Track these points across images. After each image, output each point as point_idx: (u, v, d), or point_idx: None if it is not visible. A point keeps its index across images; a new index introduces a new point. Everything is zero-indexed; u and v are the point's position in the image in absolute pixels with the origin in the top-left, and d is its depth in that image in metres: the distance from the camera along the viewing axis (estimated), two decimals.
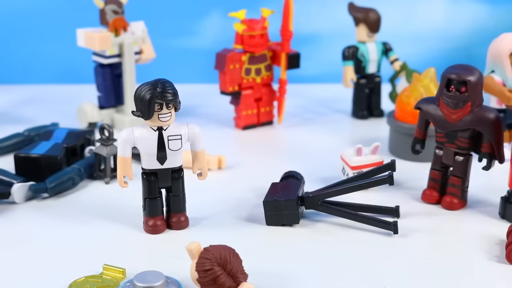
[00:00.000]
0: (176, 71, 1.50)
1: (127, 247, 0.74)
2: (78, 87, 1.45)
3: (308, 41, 1.50)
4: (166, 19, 1.51)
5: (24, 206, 0.85)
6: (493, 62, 0.95)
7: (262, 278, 0.66)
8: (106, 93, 1.18)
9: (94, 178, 0.94)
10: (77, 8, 1.47)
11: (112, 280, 0.65)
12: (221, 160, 0.97)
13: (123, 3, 1.14)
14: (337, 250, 0.73)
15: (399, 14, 1.51)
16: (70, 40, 1.23)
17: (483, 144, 0.81)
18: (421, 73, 1.04)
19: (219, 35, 1.50)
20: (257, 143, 1.12)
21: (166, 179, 0.76)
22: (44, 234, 0.77)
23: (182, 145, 0.75)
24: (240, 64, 1.14)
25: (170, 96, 0.72)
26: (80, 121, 1.19)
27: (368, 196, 0.86)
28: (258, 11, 1.15)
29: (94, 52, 1.16)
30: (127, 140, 0.74)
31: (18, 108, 1.32)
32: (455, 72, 0.80)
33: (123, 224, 0.79)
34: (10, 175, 0.88)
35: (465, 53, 1.52)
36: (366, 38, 1.21)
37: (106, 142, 0.92)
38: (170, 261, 0.70)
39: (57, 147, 0.94)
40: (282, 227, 0.78)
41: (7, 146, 1.04)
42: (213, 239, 0.75)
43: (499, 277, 0.68)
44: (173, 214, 0.78)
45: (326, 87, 1.45)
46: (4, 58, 1.53)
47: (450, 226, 0.80)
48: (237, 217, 0.81)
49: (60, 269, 0.69)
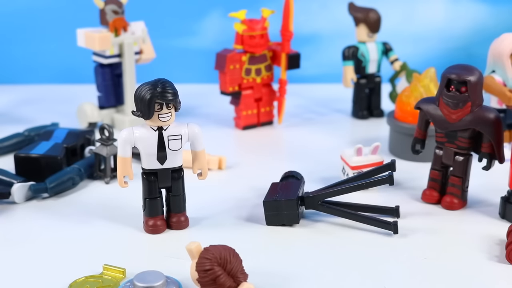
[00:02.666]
0: (176, 71, 1.50)
1: (127, 247, 0.74)
2: (78, 87, 1.45)
3: (308, 41, 1.50)
4: (166, 19, 1.51)
5: (24, 206, 0.85)
6: (493, 62, 0.95)
7: (262, 278, 0.66)
8: (106, 93, 1.18)
9: (94, 178, 0.94)
10: (77, 8, 1.47)
11: (112, 280, 0.65)
12: (221, 160, 0.97)
13: (123, 3, 1.14)
14: (337, 250, 0.73)
15: (399, 14, 1.51)
16: (70, 40, 1.23)
17: (483, 144, 0.81)
18: (421, 73, 1.04)
19: (219, 35, 1.50)
20: (257, 143, 1.12)
21: (166, 179, 0.76)
22: (44, 234, 0.77)
23: (182, 145, 0.75)
24: (240, 64, 1.14)
25: (170, 96, 0.72)
26: (80, 121, 1.19)
27: (368, 196, 0.86)
28: (258, 11, 1.15)
29: (94, 52, 1.16)
30: (127, 140, 0.74)
31: (18, 108, 1.32)
32: (455, 72, 0.80)
33: (123, 224, 0.79)
34: (10, 175, 0.88)
35: (465, 53, 1.52)
36: (366, 38, 1.21)
37: (106, 142, 0.92)
38: (170, 261, 0.70)
39: (57, 147, 0.94)
40: (282, 227, 0.78)
41: (7, 146, 1.04)
42: (213, 239, 0.75)
43: (499, 277, 0.68)
44: (173, 214, 0.78)
45: (326, 87, 1.45)
46: (4, 58, 1.53)
47: (450, 226, 0.80)
48: (237, 217, 0.81)
49: (60, 269, 0.68)
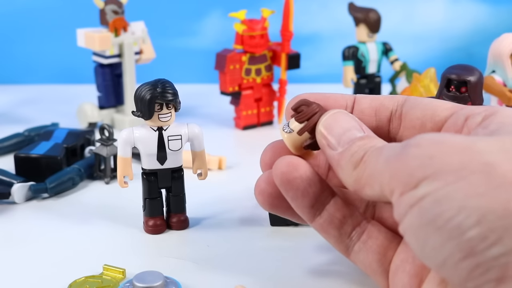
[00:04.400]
0: (176, 71, 1.50)
1: (127, 247, 0.74)
2: (78, 87, 1.45)
3: (308, 41, 1.50)
4: (166, 19, 1.51)
5: (24, 206, 0.85)
6: (494, 62, 0.95)
7: (262, 278, 0.66)
8: (106, 93, 1.18)
9: (94, 178, 0.94)
10: (77, 8, 1.47)
11: (112, 280, 0.65)
12: (222, 161, 0.97)
13: (123, 3, 1.14)
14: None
15: (399, 14, 1.51)
16: (70, 40, 1.23)
17: None
18: (421, 73, 1.04)
19: (219, 35, 1.50)
20: (257, 143, 1.12)
21: (166, 179, 0.76)
22: (44, 234, 0.77)
23: (182, 145, 0.75)
24: (240, 64, 1.14)
25: (170, 96, 0.72)
26: (80, 121, 1.19)
27: None
28: (258, 11, 1.15)
29: (94, 52, 1.16)
30: (127, 140, 0.74)
31: (18, 108, 1.32)
32: (455, 72, 0.80)
33: (123, 224, 0.79)
34: (10, 175, 0.88)
35: (465, 53, 1.52)
36: (366, 38, 1.21)
37: (106, 142, 0.92)
38: (170, 261, 0.70)
39: (57, 147, 0.94)
40: (286, 227, 0.78)
41: (7, 146, 1.04)
42: (213, 239, 0.75)
43: None
44: (173, 214, 0.78)
45: (326, 87, 1.45)
46: (4, 58, 1.53)
47: None
48: (238, 217, 0.81)
49: (60, 269, 0.68)
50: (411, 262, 0.50)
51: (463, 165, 0.41)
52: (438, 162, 0.41)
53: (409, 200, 0.42)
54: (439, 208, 0.40)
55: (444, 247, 0.40)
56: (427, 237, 0.41)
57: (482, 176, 0.40)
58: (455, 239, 0.39)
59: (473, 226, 0.39)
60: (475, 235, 0.39)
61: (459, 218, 0.39)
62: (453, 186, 0.40)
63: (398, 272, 0.51)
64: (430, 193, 0.41)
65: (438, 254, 0.40)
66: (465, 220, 0.39)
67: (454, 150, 0.42)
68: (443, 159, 0.41)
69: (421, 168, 0.42)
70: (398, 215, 0.44)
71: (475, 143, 0.42)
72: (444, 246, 0.40)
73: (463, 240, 0.39)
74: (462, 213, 0.39)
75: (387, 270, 0.53)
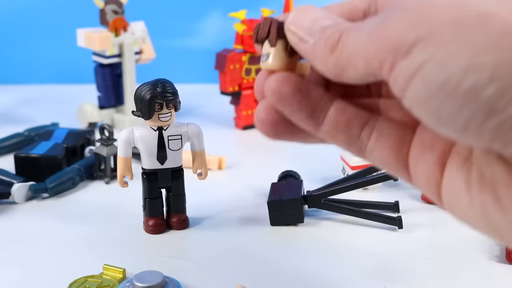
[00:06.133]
0: (176, 71, 1.50)
1: (127, 247, 0.74)
2: (78, 87, 1.45)
3: None
4: (166, 19, 1.51)
5: (24, 206, 0.85)
6: None
7: (262, 278, 0.66)
8: (106, 93, 1.18)
9: (94, 178, 0.94)
10: (77, 8, 1.47)
11: (112, 280, 0.65)
12: (222, 161, 0.97)
13: (123, 3, 1.14)
14: (340, 248, 0.73)
15: None
16: (70, 40, 1.23)
17: None
18: None
19: (219, 35, 1.50)
20: (257, 143, 1.12)
21: (166, 179, 0.76)
22: (44, 234, 0.77)
23: (182, 145, 0.75)
24: (240, 64, 1.14)
25: (170, 96, 0.72)
26: (80, 121, 1.19)
27: (369, 196, 0.86)
28: (258, 11, 1.15)
29: (94, 52, 1.16)
30: (127, 140, 0.74)
31: (18, 108, 1.32)
32: None
33: (123, 224, 0.79)
34: (10, 175, 0.88)
35: None
36: None
37: (106, 142, 0.92)
38: (169, 261, 0.70)
39: (57, 147, 0.94)
40: (287, 227, 0.78)
41: (7, 146, 1.04)
42: (213, 239, 0.75)
43: (499, 277, 0.68)
44: (173, 214, 0.78)
45: None
46: (4, 58, 1.53)
47: (450, 226, 0.80)
48: (238, 217, 0.81)
49: (60, 269, 0.68)
50: (429, 151, 0.46)
51: (457, 20, 0.37)
52: (431, 20, 0.38)
53: (407, 70, 0.38)
54: (445, 72, 0.37)
55: (462, 113, 0.37)
56: (440, 105, 0.37)
57: (482, 28, 0.37)
58: (472, 102, 0.36)
59: (488, 84, 0.36)
60: (492, 93, 0.36)
61: (470, 79, 0.36)
62: (453, 46, 0.37)
63: (419, 164, 0.47)
64: (429, 57, 0.37)
65: (458, 119, 0.37)
66: (477, 79, 0.36)
67: (445, 8, 0.38)
68: (435, 16, 0.38)
69: (412, 29, 0.38)
70: (397, 89, 0.40)
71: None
72: (461, 112, 0.37)
73: (481, 101, 0.36)
74: (472, 72, 0.36)
75: (406, 164, 0.49)
